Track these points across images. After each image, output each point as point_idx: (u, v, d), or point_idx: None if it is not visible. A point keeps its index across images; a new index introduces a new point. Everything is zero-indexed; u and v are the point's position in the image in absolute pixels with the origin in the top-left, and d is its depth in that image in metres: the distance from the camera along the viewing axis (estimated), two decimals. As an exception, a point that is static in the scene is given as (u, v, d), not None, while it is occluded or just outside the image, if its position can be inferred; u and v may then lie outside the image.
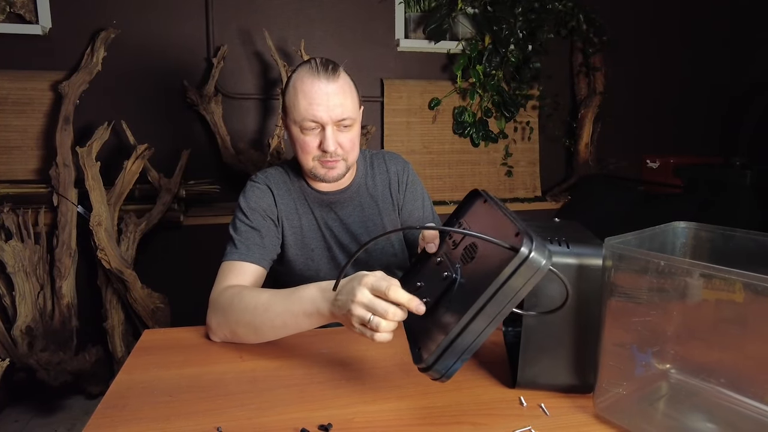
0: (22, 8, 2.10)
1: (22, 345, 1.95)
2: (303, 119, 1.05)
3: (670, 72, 3.03)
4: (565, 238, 0.77)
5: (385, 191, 1.26)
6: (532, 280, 0.65)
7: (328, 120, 1.05)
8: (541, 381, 0.79)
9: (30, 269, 1.97)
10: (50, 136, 2.11)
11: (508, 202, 2.74)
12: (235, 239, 1.10)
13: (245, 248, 1.08)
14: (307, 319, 0.85)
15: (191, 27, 2.31)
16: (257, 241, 1.10)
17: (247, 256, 1.07)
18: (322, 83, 1.04)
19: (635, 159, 2.90)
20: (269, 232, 1.13)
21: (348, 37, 2.52)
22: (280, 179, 1.20)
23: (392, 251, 1.26)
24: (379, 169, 1.27)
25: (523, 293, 0.66)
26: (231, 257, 1.07)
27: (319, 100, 1.04)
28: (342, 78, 1.08)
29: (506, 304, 0.65)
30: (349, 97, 1.08)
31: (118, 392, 0.80)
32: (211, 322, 0.97)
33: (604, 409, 0.74)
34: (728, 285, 0.62)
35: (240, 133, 2.40)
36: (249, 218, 1.12)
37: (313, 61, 1.08)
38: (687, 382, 0.75)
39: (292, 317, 0.86)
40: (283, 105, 1.13)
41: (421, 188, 1.31)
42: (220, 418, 0.73)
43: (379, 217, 1.24)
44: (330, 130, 1.06)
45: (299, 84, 1.06)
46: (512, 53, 2.55)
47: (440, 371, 0.68)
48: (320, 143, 1.07)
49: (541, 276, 0.65)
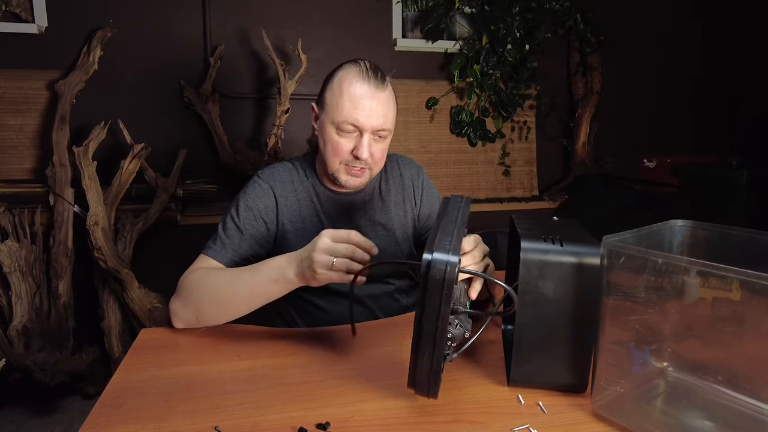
0: (18, 7, 2.09)
1: (18, 345, 1.94)
2: (344, 121, 1.03)
3: (667, 71, 3.04)
4: (559, 236, 0.77)
5: (397, 196, 1.24)
6: (446, 293, 0.65)
7: (369, 127, 1.03)
8: (535, 379, 0.79)
9: (26, 269, 1.96)
10: (46, 135, 2.11)
11: (506, 201, 2.75)
12: (219, 234, 1.10)
13: (221, 246, 1.08)
14: (275, 285, 0.89)
15: (188, 26, 2.31)
16: (235, 242, 1.09)
17: (219, 254, 1.07)
18: (370, 89, 1.03)
19: (632, 158, 2.92)
20: (254, 236, 1.11)
21: (345, 37, 2.52)
22: (287, 178, 1.17)
23: (402, 257, 1.24)
24: (392, 172, 1.25)
25: (444, 308, 0.66)
26: (206, 251, 1.08)
27: (365, 105, 1.02)
28: (389, 88, 1.07)
29: (436, 319, 0.66)
30: (392, 108, 1.07)
31: (115, 392, 0.80)
32: (174, 305, 0.98)
33: (601, 407, 0.74)
34: (725, 283, 0.62)
35: (237, 133, 2.40)
36: (240, 216, 1.11)
37: (363, 63, 1.06)
38: (684, 380, 0.75)
39: (259, 286, 0.90)
40: (320, 100, 1.10)
41: (436, 191, 1.30)
42: (218, 417, 0.73)
43: (389, 221, 1.22)
44: (367, 138, 1.04)
45: (346, 85, 1.03)
46: (509, 53, 2.55)
47: (421, 391, 0.71)
48: (354, 148, 1.05)
49: (452, 285, 0.65)
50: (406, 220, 1.24)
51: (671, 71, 3.03)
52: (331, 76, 1.08)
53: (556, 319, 0.76)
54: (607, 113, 2.88)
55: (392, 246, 1.22)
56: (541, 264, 0.75)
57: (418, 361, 0.69)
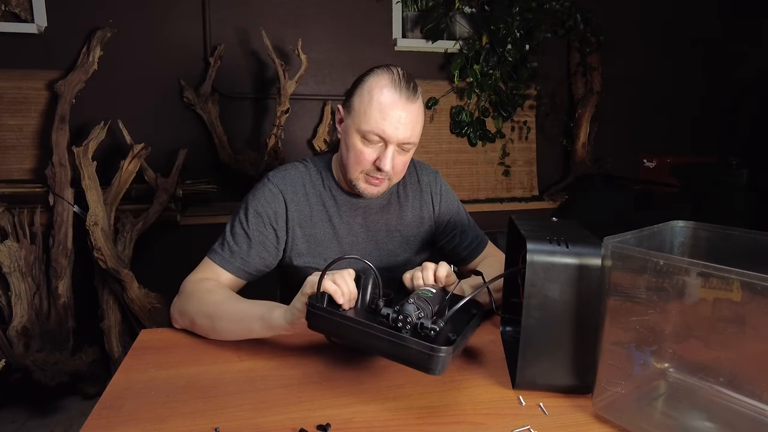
0: (18, 7, 2.09)
1: (18, 345, 1.93)
2: (370, 131, 1.00)
3: (667, 72, 3.03)
4: (564, 237, 0.77)
5: (415, 202, 1.22)
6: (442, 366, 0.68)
7: (395, 140, 1.01)
8: (540, 382, 0.78)
9: (26, 269, 1.96)
10: (46, 135, 2.10)
11: (506, 201, 2.75)
12: (226, 238, 1.07)
13: (229, 254, 1.06)
14: (260, 321, 0.89)
15: (188, 26, 2.31)
16: (244, 249, 1.06)
17: (227, 263, 1.05)
18: (401, 100, 1.00)
19: (632, 158, 2.91)
20: (263, 243, 1.08)
21: (345, 37, 2.52)
22: (298, 182, 1.13)
23: (417, 263, 1.20)
24: (410, 178, 1.23)
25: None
26: (213, 257, 1.06)
27: (393, 117, 0.99)
28: (419, 99, 1.05)
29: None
30: (420, 122, 1.05)
31: (115, 393, 0.79)
32: (176, 307, 0.99)
33: (602, 408, 0.74)
34: (726, 284, 0.62)
35: (237, 133, 2.40)
36: (248, 221, 1.07)
37: (396, 71, 1.02)
38: (685, 381, 0.75)
39: (248, 317, 0.90)
40: (348, 104, 1.06)
41: (454, 195, 1.28)
42: (218, 418, 0.73)
43: (405, 228, 1.20)
44: (391, 150, 1.02)
45: (377, 93, 1.00)
46: (509, 53, 2.55)
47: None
48: (377, 159, 1.03)
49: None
50: (423, 227, 1.22)
51: (670, 71, 3.03)
52: (360, 81, 1.04)
53: (563, 321, 0.75)
54: (607, 113, 2.87)
55: (408, 252, 1.20)
56: (548, 266, 0.74)
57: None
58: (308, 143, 2.52)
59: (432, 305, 0.79)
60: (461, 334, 0.76)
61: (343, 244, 1.14)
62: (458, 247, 1.23)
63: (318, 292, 0.77)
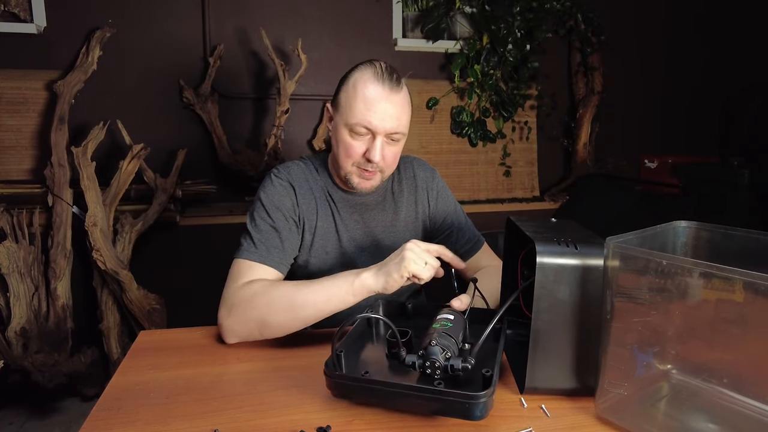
0: (17, 7, 2.09)
1: (16, 346, 1.93)
2: (357, 123, 1.01)
3: (668, 71, 3.03)
4: (570, 238, 0.76)
5: (410, 198, 1.22)
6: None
7: (382, 130, 1.02)
8: (548, 386, 0.77)
9: (24, 270, 1.95)
10: (45, 135, 2.10)
11: (507, 202, 2.74)
12: (254, 237, 1.04)
13: (265, 250, 1.03)
14: (350, 289, 0.89)
15: (187, 26, 2.30)
16: (277, 243, 1.05)
17: (267, 258, 1.02)
18: (384, 91, 1.01)
19: (633, 159, 2.91)
20: (290, 235, 1.08)
21: (345, 37, 2.51)
22: (301, 177, 1.14)
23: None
24: (406, 174, 1.23)
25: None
26: (249, 256, 1.01)
27: (379, 108, 1.00)
28: (404, 91, 1.05)
29: None
30: (406, 111, 1.06)
31: (114, 394, 0.79)
32: (229, 321, 0.94)
33: (605, 410, 0.73)
34: (729, 284, 0.61)
35: (236, 133, 2.39)
36: (271, 216, 1.06)
37: (378, 65, 1.04)
38: (688, 383, 0.75)
39: (335, 294, 0.90)
40: (335, 101, 1.08)
41: (451, 194, 1.28)
42: (218, 420, 0.72)
43: (399, 223, 1.20)
44: (380, 141, 1.03)
45: (361, 86, 1.02)
46: (510, 53, 2.55)
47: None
48: (366, 151, 1.04)
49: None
50: (417, 222, 1.23)
51: (672, 71, 3.03)
52: (345, 77, 1.06)
53: (571, 323, 0.74)
54: (608, 113, 2.87)
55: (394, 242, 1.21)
56: (558, 268, 0.73)
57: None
58: (308, 143, 2.52)
59: (455, 337, 0.76)
60: (494, 361, 0.74)
61: (342, 240, 1.15)
62: (454, 245, 1.23)
63: (333, 354, 0.73)
